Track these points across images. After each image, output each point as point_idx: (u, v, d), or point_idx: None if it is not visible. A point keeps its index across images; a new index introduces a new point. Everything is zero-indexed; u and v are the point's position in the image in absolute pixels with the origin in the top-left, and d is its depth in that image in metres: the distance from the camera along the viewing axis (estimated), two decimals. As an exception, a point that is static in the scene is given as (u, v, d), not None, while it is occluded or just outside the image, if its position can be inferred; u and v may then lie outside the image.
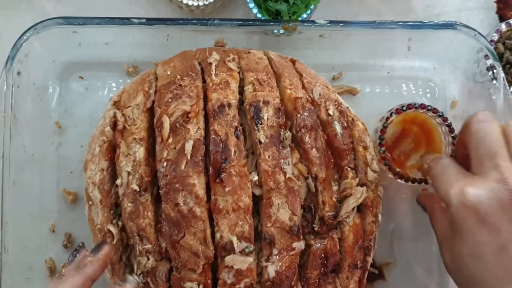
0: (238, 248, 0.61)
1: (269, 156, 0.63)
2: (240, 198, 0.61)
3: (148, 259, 0.64)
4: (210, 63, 0.68)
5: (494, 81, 0.72)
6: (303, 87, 0.69)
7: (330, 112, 0.68)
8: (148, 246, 0.64)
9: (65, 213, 0.77)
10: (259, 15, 0.76)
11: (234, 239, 0.61)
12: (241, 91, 0.68)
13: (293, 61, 0.74)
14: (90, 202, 0.67)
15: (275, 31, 0.75)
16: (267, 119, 0.65)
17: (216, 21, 0.72)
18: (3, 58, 0.70)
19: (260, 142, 0.63)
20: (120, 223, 0.66)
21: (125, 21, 0.71)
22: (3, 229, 0.69)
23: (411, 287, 0.79)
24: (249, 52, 0.72)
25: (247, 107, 0.66)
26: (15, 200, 0.71)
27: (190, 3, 0.78)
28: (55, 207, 0.77)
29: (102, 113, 0.77)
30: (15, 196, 0.71)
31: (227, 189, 0.61)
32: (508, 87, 0.73)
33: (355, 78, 0.81)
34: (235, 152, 0.62)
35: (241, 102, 0.67)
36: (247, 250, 0.61)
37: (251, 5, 0.76)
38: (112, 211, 0.67)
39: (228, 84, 0.66)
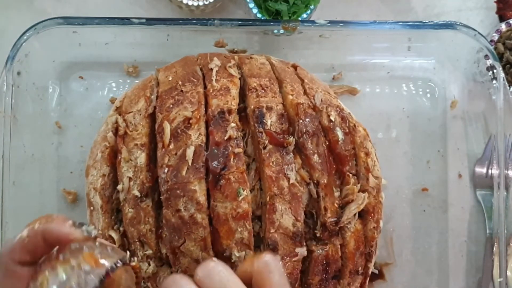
0: (238, 255, 0.61)
1: (272, 162, 0.63)
2: (239, 204, 0.61)
3: (149, 264, 0.64)
4: (211, 69, 0.68)
5: (494, 81, 0.72)
6: (305, 93, 0.69)
7: (332, 118, 0.68)
8: (149, 251, 0.64)
9: (65, 213, 0.77)
10: (259, 15, 0.76)
11: (233, 246, 0.61)
12: (242, 97, 0.68)
13: (295, 67, 0.74)
14: (92, 208, 0.67)
15: (275, 31, 0.75)
16: (271, 125, 0.65)
17: (216, 21, 0.71)
18: (3, 58, 0.70)
19: (264, 147, 0.63)
20: (121, 228, 0.66)
21: (125, 21, 0.71)
22: (3, 229, 0.69)
23: (411, 287, 0.79)
24: (251, 58, 0.72)
25: (250, 113, 0.66)
26: (15, 200, 0.71)
27: (190, 3, 0.78)
28: (55, 207, 0.77)
29: (102, 113, 0.78)
30: (15, 196, 0.71)
31: (225, 195, 0.61)
32: (508, 87, 0.73)
33: (355, 78, 0.81)
34: (234, 158, 0.62)
35: (242, 108, 0.67)
36: (246, 257, 0.61)
37: (251, 5, 0.76)
38: (113, 217, 0.67)
39: (228, 90, 0.66)
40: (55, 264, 0.43)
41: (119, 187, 0.65)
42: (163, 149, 0.63)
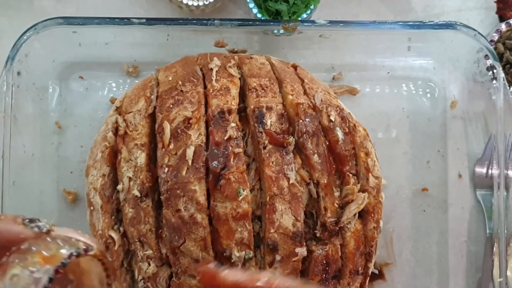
0: (238, 255, 0.61)
1: (272, 162, 0.63)
2: (239, 204, 0.61)
3: (149, 264, 0.64)
4: (211, 69, 0.68)
5: (494, 81, 0.72)
6: (305, 93, 0.69)
7: (332, 118, 0.68)
8: (149, 251, 0.64)
9: (65, 213, 0.77)
10: (259, 15, 0.76)
11: (233, 246, 0.61)
12: (242, 97, 0.68)
13: (295, 67, 0.74)
14: (92, 208, 0.67)
15: (275, 31, 0.75)
16: (271, 125, 0.65)
17: (216, 21, 0.72)
18: (3, 58, 0.70)
19: (264, 147, 0.63)
20: (121, 228, 0.66)
21: (125, 21, 0.71)
22: (3, 229, 0.69)
23: (411, 287, 0.79)
24: (251, 58, 0.72)
25: (250, 113, 0.66)
26: (15, 200, 0.71)
27: (190, 3, 0.78)
28: (55, 207, 0.77)
29: (102, 113, 0.77)
30: (15, 196, 0.71)
31: (225, 195, 0.61)
32: (508, 87, 0.73)
33: (355, 78, 0.81)
34: (234, 158, 0.62)
35: (242, 108, 0.67)
36: (246, 256, 0.61)
37: (251, 5, 0.76)
38: (113, 217, 0.67)
39: (228, 90, 0.66)
40: (5, 269, 0.41)
41: (119, 187, 0.65)
42: (163, 149, 0.63)
